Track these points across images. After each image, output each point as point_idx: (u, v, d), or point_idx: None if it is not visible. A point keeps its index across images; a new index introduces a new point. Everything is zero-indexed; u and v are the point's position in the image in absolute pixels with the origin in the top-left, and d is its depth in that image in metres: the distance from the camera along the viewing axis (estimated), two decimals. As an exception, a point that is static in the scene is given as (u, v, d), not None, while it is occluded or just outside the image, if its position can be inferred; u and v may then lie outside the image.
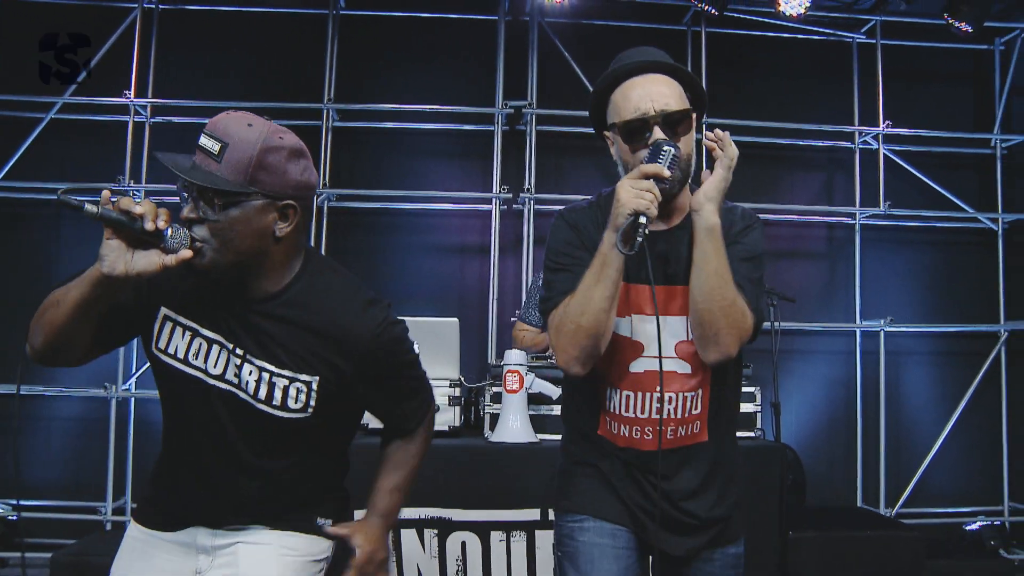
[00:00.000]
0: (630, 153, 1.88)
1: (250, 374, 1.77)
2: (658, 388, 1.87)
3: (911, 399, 5.52)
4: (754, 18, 5.37)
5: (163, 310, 1.82)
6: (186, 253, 1.63)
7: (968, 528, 5.22)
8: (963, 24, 4.87)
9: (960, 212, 5.43)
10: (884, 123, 5.31)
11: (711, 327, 1.80)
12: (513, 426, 3.31)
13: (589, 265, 1.83)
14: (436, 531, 3.23)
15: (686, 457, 1.93)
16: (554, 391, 3.40)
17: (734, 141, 1.87)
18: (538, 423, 3.37)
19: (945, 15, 4.92)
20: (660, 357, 1.83)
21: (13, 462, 4.77)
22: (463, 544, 3.25)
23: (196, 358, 1.79)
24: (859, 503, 5.34)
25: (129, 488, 4.86)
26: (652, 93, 1.87)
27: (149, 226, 1.59)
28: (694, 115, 1.88)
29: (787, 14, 4.94)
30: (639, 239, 1.69)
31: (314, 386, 1.79)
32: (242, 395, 1.78)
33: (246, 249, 1.70)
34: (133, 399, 4.87)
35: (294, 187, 1.72)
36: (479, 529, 3.26)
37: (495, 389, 3.46)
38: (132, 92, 4.91)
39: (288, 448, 1.86)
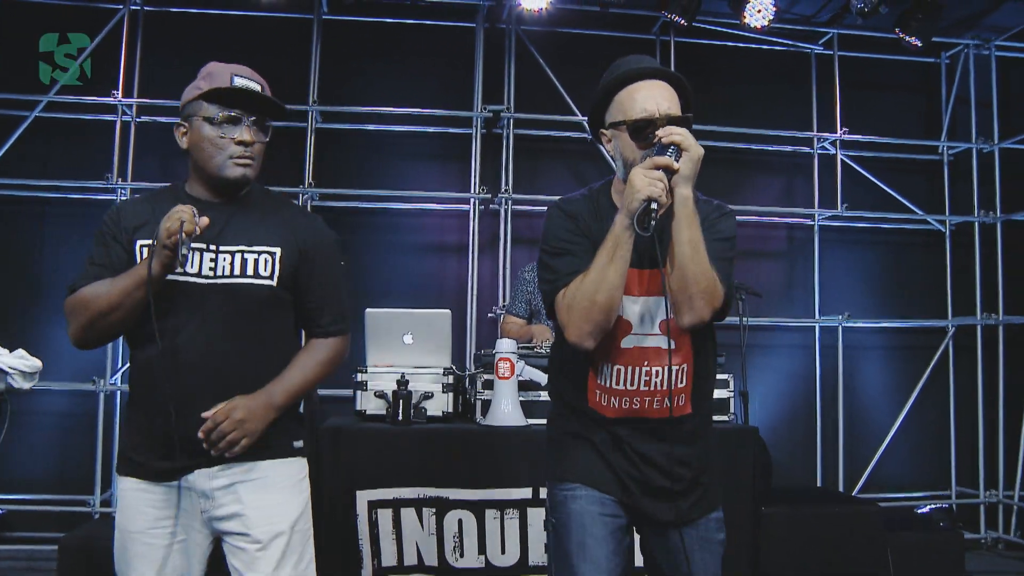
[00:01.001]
0: (635, 149, 2.06)
1: (225, 260, 2.07)
2: (646, 362, 2.07)
3: (866, 390, 5.83)
4: (720, 29, 5.65)
5: (138, 243, 2.05)
6: (204, 221, 1.95)
7: (919, 511, 5.55)
8: (912, 38, 5.20)
9: (911, 214, 5.76)
10: (841, 130, 5.63)
11: (684, 292, 1.97)
12: (505, 410, 3.49)
13: (586, 249, 2.03)
14: (434, 510, 3.38)
15: (676, 427, 2.11)
16: (542, 377, 3.59)
17: (705, 145, 2.09)
18: (527, 408, 3.54)
19: (896, 30, 5.24)
20: (668, 335, 2.04)
21: None
22: (459, 522, 3.40)
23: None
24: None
25: (115, 481, 4.93)
26: (656, 96, 2.06)
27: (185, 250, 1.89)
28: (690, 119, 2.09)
29: (751, 26, 5.22)
30: (652, 222, 1.89)
31: (278, 256, 2.11)
32: (221, 282, 2.05)
33: (256, 171, 2.13)
34: (119, 392, 4.96)
35: None
36: (474, 507, 3.41)
37: (486, 377, 3.63)
38: (120, 92, 5.02)
39: (251, 337, 2.09)
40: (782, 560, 3.62)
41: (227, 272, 2.06)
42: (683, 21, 5.19)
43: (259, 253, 2.09)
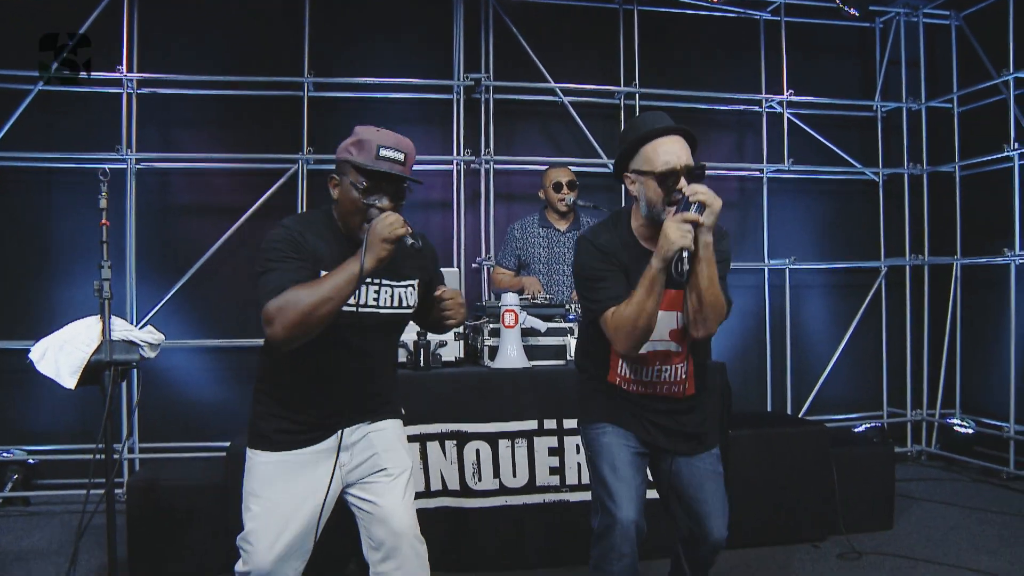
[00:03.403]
0: (660, 195, 2.52)
1: (386, 293, 2.52)
2: (657, 362, 2.66)
3: (810, 324, 6.43)
4: (678, -1, 6.08)
5: (322, 273, 2.41)
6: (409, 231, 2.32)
7: (856, 431, 6.26)
8: (851, 9, 5.74)
9: (849, 167, 6.32)
10: (788, 91, 6.15)
11: (702, 314, 2.52)
12: (511, 354, 4.01)
13: (617, 275, 2.59)
14: (455, 442, 3.91)
15: (683, 403, 2.73)
16: (542, 325, 4.12)
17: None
18: (529, 351, 4.06)
19: (837, 1, 5.78)
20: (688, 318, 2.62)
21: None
22: (477, 451, 3.93)
23: (360, 297, 2.44)
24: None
25: (136, 428, 5.34)
26: (676, 150, 2.53)
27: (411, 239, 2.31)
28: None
29: (707, -5, 5.70)
30: (686, 267, 2.40)
31: (415, 287, 2.60)
32: (383, 311, 2.52)
33: None
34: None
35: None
36: (489, 438, 3.94)
37: (492, 325, 4.14)
38: (124, 67, 5.28)
39: (391, 346, 2.68)
40: (746, 475, 4.22)
41: (387, 303, 2.53)
42: (645, -9, 5.63)
43: (406, 287, 2.57)
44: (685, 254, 2.37)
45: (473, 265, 5.85)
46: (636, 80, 5.95)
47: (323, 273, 2.34)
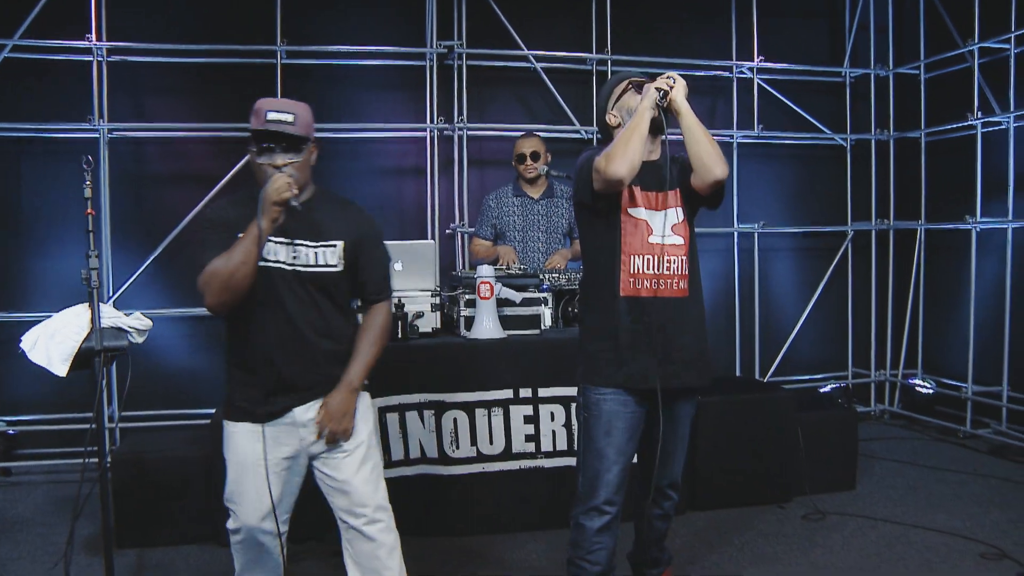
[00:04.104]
0: (637, 98, 2.89)
1: (304, 254, 2.66)
2: (665, 254, 2.87)
3: (778, 287, 6.56)
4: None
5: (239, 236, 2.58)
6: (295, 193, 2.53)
7: (821, 390, 6.45)
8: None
9: (818, 132, 6.41)
10: (758, 58, 6.21)
11: (709, 156, 2.81)
12: (487, 326, 4.09)
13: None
14: (433, 411, 4.00)
15: (682, 305, 2.91)
16: (516, 296, 4.21)
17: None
18: (504, 321, 4.14)
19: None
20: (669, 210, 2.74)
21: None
22: (455, 420, 4.02)
23: (270, 256, 2.61)
24: (737, 373, 6.44)
25: (116, 399, 5.38)
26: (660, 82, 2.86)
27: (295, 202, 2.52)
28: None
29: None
30: (664, 102, 2.78)
31: (340, 248, 2.70)
32: (301, 269, 2.65)
33: (307, 175, 2.67)
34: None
35: (313, 135, 2.71)
36: (466, 407, 4.03)
37: (468, 296, 4.21)
38: (93, 35, 5.22)
39: (326, 306, 2.71)
40: (715, 439, 4.36)
41: (306, 262, 2.66)
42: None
43: (328, 247, 2.70)
44: (663, 92, 2.78)
45: (447, 231, 5.89)
46: (608, 47, 5.98)
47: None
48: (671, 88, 2.79)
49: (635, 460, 3.05)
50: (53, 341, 2.66)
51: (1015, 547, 3.78)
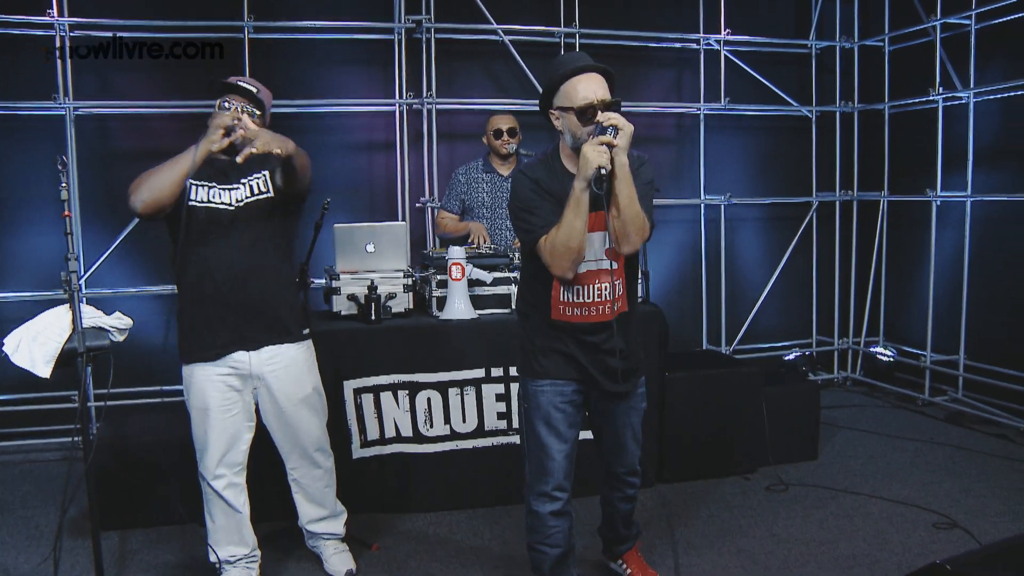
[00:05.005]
0: (580, 127, 2.75)
1: (237, 190, 3.14)
2: (596, 280, 2.85)
3: (744, 257, 6.66)
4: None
5: (188, 180, 3.00)
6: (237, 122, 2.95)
7: (786, 358, 6.57)
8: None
9: (784, 104, 6.47)
10: (725, 31, 6.24)
11: (624, 230, 2.74)
12: (459, 307, 4.16)
13: (551, 205, 2.76)
14: (407, 391, 4.08)
15: (621, 323, 2.91)
16: (488, 276, 4.27)
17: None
18: (476, 301, 4.22)
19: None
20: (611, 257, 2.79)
21: None
22: (428, 400, 4.11)
23: (215, 199, 3.10)
24: (704, 343, 6.59)
25: (90, 375, 5.38)
26: (593, 87, 2.76)
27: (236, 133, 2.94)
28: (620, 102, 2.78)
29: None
30: (604, 183, 2.63)
31: (266, 176, 3.19)
32: (238, 203, 3.11)
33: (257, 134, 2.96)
34: (85, 299, 5.35)
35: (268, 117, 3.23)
36: (439, 387, 4.12)
37: (440, 277, 4.27)
38: (55, 11, 5.14)
39: (265, 241, 3.14)
40: (682, 414, 4.48)
41: (241, 195, 3.13)
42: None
43: (258, 178, 3.18)
44: (603, 171, 2.61)
45: (417, 205, 5.91)
46: (576, 20, 5.99)
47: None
48: (611, 152, 2.61)
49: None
50: (36, 343, 2.69)
51: (965, 516, 3.96)
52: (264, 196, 3.16)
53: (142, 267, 5.51)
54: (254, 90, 3.15)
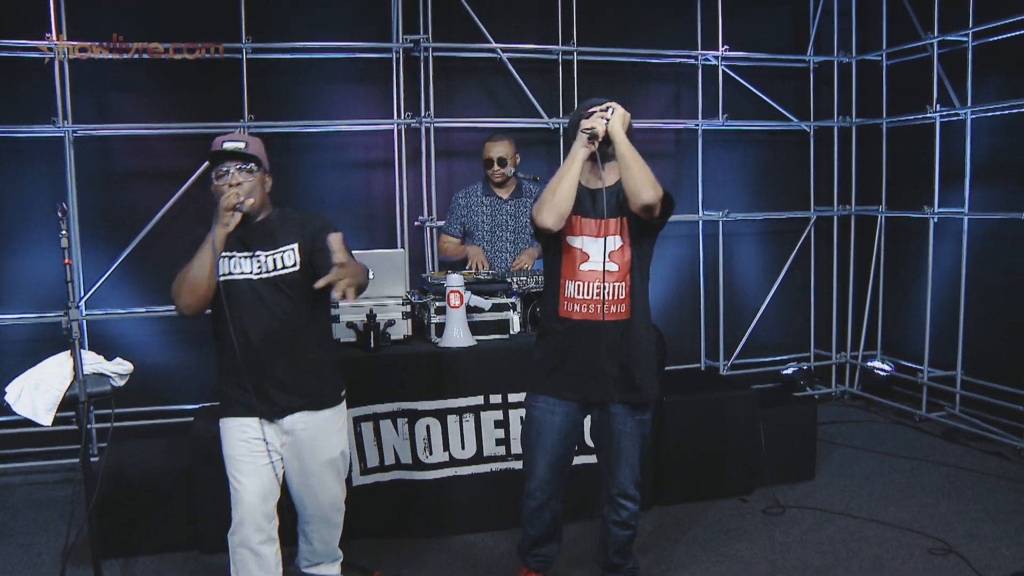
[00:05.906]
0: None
1: (265, 260, 3.04)
2: (597, 281, 3.13)
3: (742, 272, 6.67)
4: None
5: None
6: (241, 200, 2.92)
7: (784, 372, 6.64)
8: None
9: (782, 118, 6.47)
10: (723, 47, 6.24)
11: (640, 181, 2.99)
12: (457, 335, 4.17)
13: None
14: (406, 419, 4.10)
15: (621, 328, 3.16)
16: (486, 303, 4.30)
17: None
18: (474, 327, 4.23)
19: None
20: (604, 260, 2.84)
21: None
22: (427, 427, 4.13)
23: (236, 268, 3.01)
24: (702, 357, 6.61)
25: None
26: (595, 120, 3.10)
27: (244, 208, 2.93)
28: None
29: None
30: (596, 141, 3.05)
31: (296, 249, 3.06)
32: (265, 276, 3.02)
33: (262, 196, 3.04)
34: (84, 321, 5.36)
35: (267, 164, 3.13)
36: (438, 415, 4.14)
37: (438, 303, 4.29)
38: (53, 34, 5.14)
39: (292, 310, 3.06)
40: (679, 436, 4.51)
41: (267, 268, 3.04)
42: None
43: (284, 251, 3.07)
44: (594, 132, 3.04)
45: (415, 224, 5.93)
46: (574, 38, 6.00)
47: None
48: (606, 123, 3.05)
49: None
50: (38, 392, 2.74)
51: (961, 540, 3.99)
52: (291, 271, 3.06)
53: (143, 287, 5.52)
54: (242, 146, 3.06)
